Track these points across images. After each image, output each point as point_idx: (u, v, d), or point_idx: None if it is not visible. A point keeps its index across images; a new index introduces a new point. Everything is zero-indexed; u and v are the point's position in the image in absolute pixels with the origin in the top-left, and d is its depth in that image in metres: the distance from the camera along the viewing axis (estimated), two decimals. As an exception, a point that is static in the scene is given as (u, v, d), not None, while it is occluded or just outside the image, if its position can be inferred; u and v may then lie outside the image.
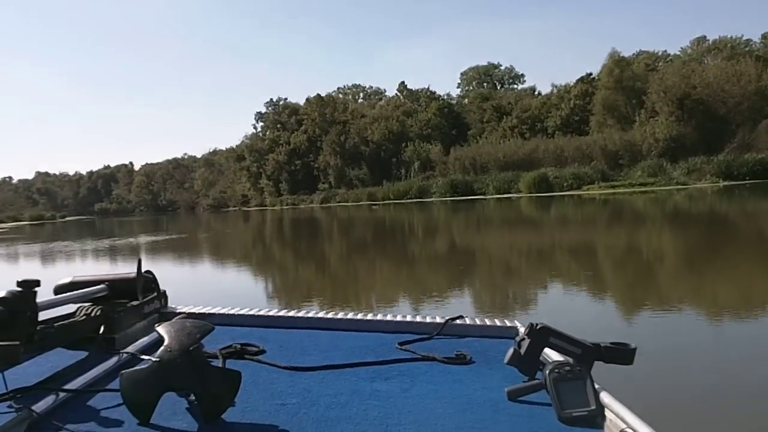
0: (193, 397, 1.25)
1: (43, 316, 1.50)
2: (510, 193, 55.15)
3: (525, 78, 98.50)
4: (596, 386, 1.32)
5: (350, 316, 2.11)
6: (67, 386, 1.33)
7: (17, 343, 1.22)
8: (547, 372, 1.33)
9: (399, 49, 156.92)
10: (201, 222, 51.75)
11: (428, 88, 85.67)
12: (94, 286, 1.88)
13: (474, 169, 63.36)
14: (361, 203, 66.59)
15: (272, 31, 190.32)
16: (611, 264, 11.78)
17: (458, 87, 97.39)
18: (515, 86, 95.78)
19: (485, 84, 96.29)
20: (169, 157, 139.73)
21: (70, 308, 1.75)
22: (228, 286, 10.99)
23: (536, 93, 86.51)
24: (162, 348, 1.24)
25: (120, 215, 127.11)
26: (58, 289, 1.85)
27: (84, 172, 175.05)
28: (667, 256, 12.54)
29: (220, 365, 1.39)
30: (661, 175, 47.83)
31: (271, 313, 2.14)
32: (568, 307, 7.41)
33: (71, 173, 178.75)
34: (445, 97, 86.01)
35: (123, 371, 1.25)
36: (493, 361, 1.65)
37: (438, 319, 2.04)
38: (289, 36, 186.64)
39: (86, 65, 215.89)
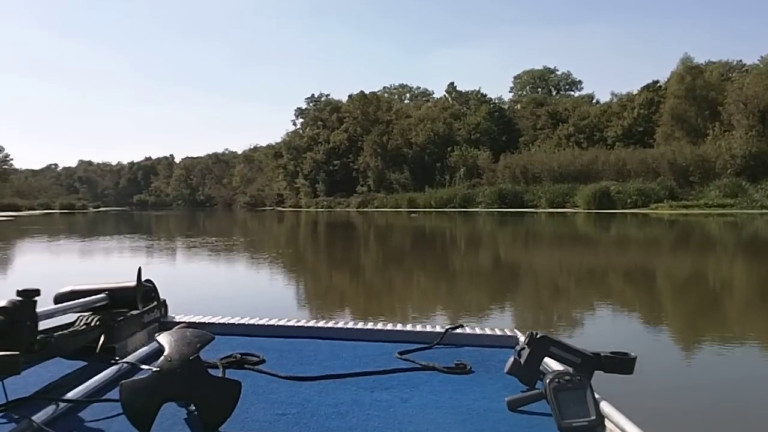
0: (193, 407, 1.25)
1: (43, 325, 1.49)
2: (564, 207, 49.91)
3: (582, 85, 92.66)
4: (596, 396, 1.32)
5: (350, 325, 2.10)
6: (67, 396, 1.33)
7: (17, 353, 1.22)
8: (547, 381, 1.32)
9: (451, 50, 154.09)
10: (237, 221, 49.11)
11: (479, 91, 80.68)
12: (94, 295, 1.85)
13: (525, 179, 58.19)
14: (400, 209, 62.12)
15: (322, 25, 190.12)
16: (672, 293, 10.65)
17: (510, 91, 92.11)
18: (571, 93, 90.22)
19: (540, 89, 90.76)
20: (210, 152, 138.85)
21: (70, 317, 1.72)
22: (267, 299, 9.75)
23: (594, 101, 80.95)
24: (162, 358, 1.24)
25: (158, 208, 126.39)
26: (58, 299, 1.81)
27: (125, 163, 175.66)
28: (739, 288, 11.22)
29: (220, 375, 1.41)
30: (741, 197, 42.03)
31: (271, 323, 2.11)
32: (620, 337, 6.65)
33: (113, 163, 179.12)
34: (496, 100, 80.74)
35: (123, 381, 1.24)
36: (493, 370, 1.67)
37: (438, 329, 2.04)
38: (338, 30, 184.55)
39: (143, 53, 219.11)
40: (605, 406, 1.30)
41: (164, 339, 1.30)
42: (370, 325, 2.11)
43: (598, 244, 21.90)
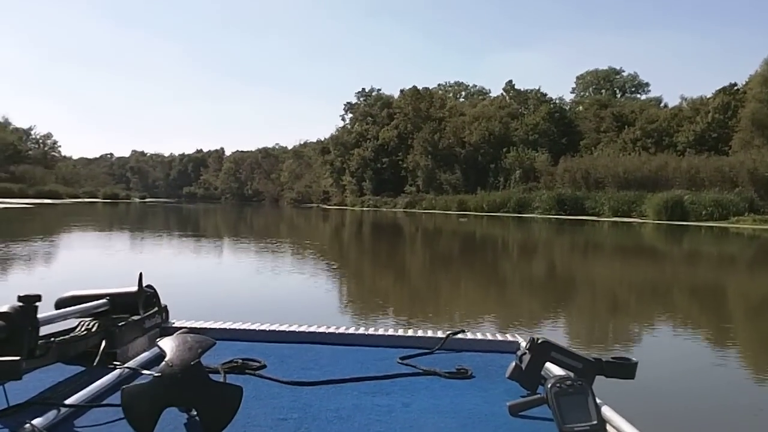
0: (195, 413, 1.26)
1: (44, 330, 1.50)
2: (630, 216, 45.49)
3: (649, 87, 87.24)
4: (598, 401, 1.33)
5: (351, 330, 2.10)
6: (68, 401, 1.33)
7: (18, 358, 1.24)
8: (549, 386, 1.33)
9: (509, 52, 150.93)
10: (283, 218, 47.50)
11: (538, 90, 76.17)
12: (95, 300, 1.85)
13: (586, 184, 53.80)
14: (449, 212, 58.48)
15: (377, 24, 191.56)
16: (751, 320, 9.22)
17: (572, 92, 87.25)
18: (637, 95, 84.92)
19: (603, 91, 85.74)
20: (260, 146, 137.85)
21: (72, 323, 1.74)
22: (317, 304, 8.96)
23: (662, 105, 75.80)
24: (163, 363, 1.25)
25: (206, 201, 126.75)
26: (59, 304, 1.80)
27: (176, 155, 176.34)
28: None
29: (222, 380, 1.41)
30: (836, 211, 37.03)
31: (272, 328, 2.12)
32: (688, 366, 6.02)
33: (166, 155, 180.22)
34: (557, 101, 76.18)
35: (124, 386, 1.25)
36: (495, 375, 1.68)
37: (439, 334, 2.06)
38: (393, 30, 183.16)
39: (201, 46, 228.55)
40: (607, 411, 1.30)
41: (165, 344, 1.30)
42: (371, 331, 2.10)
43: (671, 259, 19.38)
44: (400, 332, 2.10)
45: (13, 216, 35.92)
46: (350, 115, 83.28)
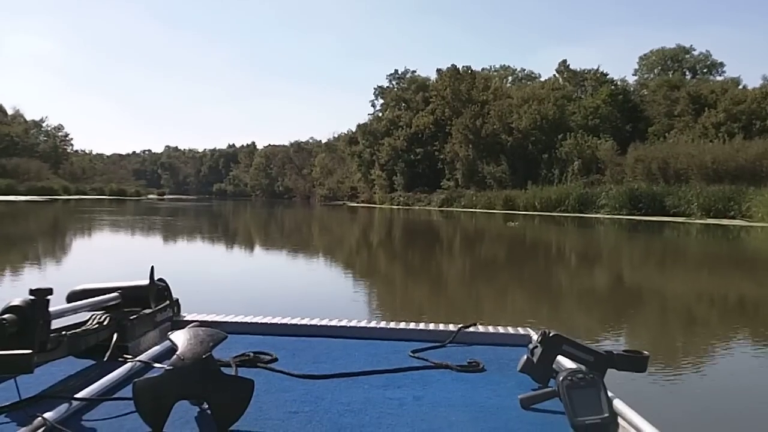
0: (206, 406, 1.27)
1: (55, 324, 1.52)
2: (728, 216, 35.26)
3: (724, 68, 75.66)
4: (609, 394, 1.34)
5: (363, 324, 2.12)
6: (80, 394, 1.35)
7: (30, 351, 1.25)
8: (560, 379, 1.33)
9: (562, 47, 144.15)
10: (314, 217, 42.64)
11: (597, 69, 65.66)
12: (107, 294, 1.88)
13: (664, 177, 43.44)
14: (493, 210, 49.40)
15: (425, 22, 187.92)
16: None
17: (634, 74, 76.24)
18: (711, 77, 73.50)
19: (671, 72, 74.53)
20: (293, 140, 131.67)
21: (83, 316, 1.75)
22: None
23: (741, 86, 64.50)
24: (175, 356, 1.26)
25: (237, 197, 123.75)
26: (71, 297, 1.83)
27: (207, 150, 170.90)
28: None
29: (233, 373, 1.43)
30: None
31: (283, 321, 2.13)
32: None
33: (200, 150, 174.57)
34: (619, 82, 65.61)
35: (136, 379, 1.26)
36: (506, 368, 1.69)
37: (451, 327, 2.06)
38: (441, 28, 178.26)
39: (248, 45, 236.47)
40: (618, 404, 1.31)
41: (177, 338, 1.30)
42: (382, 324, 2.11)
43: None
44: (412, 325, 2.09)
45: None
46: (381, 101, 73.97)
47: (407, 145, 65.57)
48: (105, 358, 1.63)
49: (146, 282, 1.94)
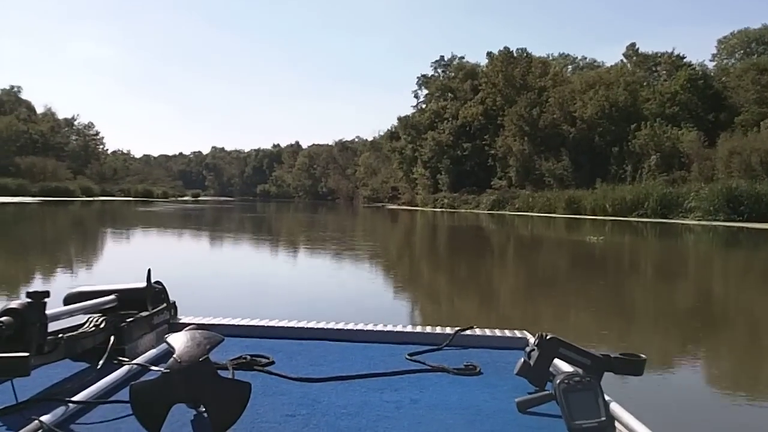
0: (203, 409, 1.27)
1: (52, 326, 1.50)
2: None
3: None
4: (606, 397, 1.34)
5: (360, 326, 2.11)
6: (77, 397, 1.34)
7: (27, 354, 1.25)
8: (557, 383, 1.34)
9: (621, 46, 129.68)
10: (357, 222, 37.49)
11: (672, 52, 57.04)
12: (104, 296, 1.88)
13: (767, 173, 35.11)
14: (553, 214, 42.08)
15: (478, 23, 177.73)
16: None
17: (712, 60, 67.09)
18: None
19: (755, 55, 65.18)
20: (337, 139, 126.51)
21: (80, 319, 1.74)
22: None
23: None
24: (171, 359, 1.25)
25: (280, 199, 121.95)
26: (68, 300, 1.83)
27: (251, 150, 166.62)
28: None
29: (230, 376, 1.42)
30: None
31: (280, 324, 2.14)
32: None
33: (246, 150, 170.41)
34: (698, 67, 56.91)
35: (132, 382, 1.27)
36: (503, 371, 1.69)
37: (448, 330, 2.06)
38: (495, 29, 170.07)
39: (300, 48, 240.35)
40: (615, 408, 1.32)
41: (174, 340, 1.30)
42: (379, 327, 2.11)
43: None
44: (409, 328, 2.10)
45: None
46: (425, 91, 66.49)
47: (453, 140, 58.82)
48: (102, 361, 1.60)
49: (143, 285, 1.93)
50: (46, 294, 1.40)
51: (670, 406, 4.28)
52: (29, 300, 1.38)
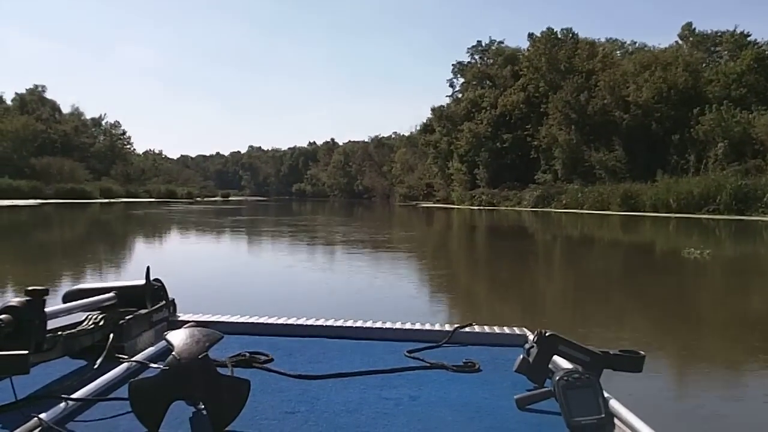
0: (202, 406, 1.28)
1: (51, 324, 1.52)
2: None
3: None
4: (605, 394, 1.34)
5: (359, 324, 2.12)
6: (76, 395, 1.35)
7: (26, 352, 1.26)
8: (556, 380, 1.33)
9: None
10: (392, 224, 32.66)
11: (735, 30, 51.46)
12: (103, 294, 1.90)
13: None
14: (608, 212, 36.76)
15: (522, 16, 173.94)
16: None
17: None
18: None
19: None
20: (374, 135, 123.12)
21: (79, 317, 1.76)
22: None
23: None
24: (171, 356, 1.26)
25: (316, 198, 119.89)
26: (67, 297, 1.85)
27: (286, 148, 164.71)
28: None
29: (229, 374, 1.44)
30: None
31: (279, 321, 2.13)
32: None
33: (284, 149, 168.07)
34: (765, 46, 51.21)
35: (131, 380, 1.28)
36: (502, 368, 1.68)
37: (447, 327, 2.07)
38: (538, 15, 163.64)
39: (342, 49, 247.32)
40: (614, 404, 1.32)
41: (173, 338, 1.31)
42: (378, 324, 2.12)
43: None
44: (408, 326, 2.10)
45: None
46: (461, 80, 61.73)
47: (492, 131, 54.51)
48: (101, 359, 1.59)
49: (142, 282, 1.94)
50: (45, 292, 1.41)
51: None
52: (28, 298, 1.38)
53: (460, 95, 61.14)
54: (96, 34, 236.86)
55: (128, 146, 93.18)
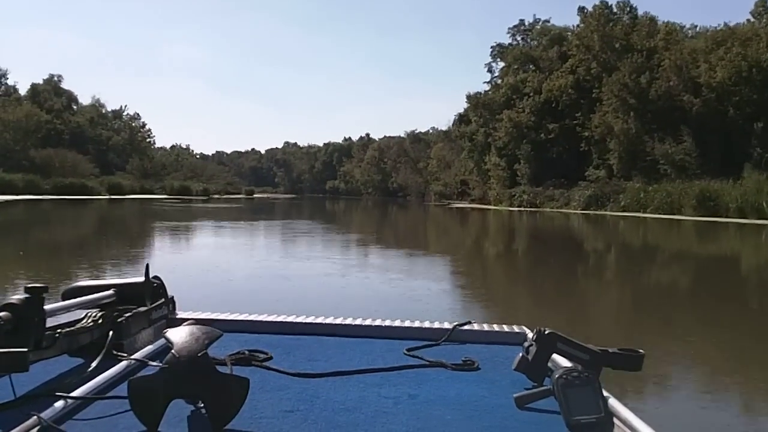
0: (201, 404, 1.28)
1: (50, 322, 1.52)
2: None
3: None
4: (605, 393, 1.35)
5: (358, 322, 2.12)
6: (75, 393, 1.35)
7: (25, 349, 1.28)
8: (556, 378, 1.34)
9: None
10: (425, 228, 29.78)
11: (821, 2, 43.98)
12: (102, 291, 1.89)
13: None
14: (680, 216, 30.73)
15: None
16: None
17: None
18: None
19: None
20: (410, 130, 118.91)
21: (78, 314, 1.76)
22: None
23: None
24: (170, 354, 1.27)
25: (350, 195, 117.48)
26: (66, 295, 1.84)
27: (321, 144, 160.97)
28: None
29: (228, 372, 1.41)
30: None
31: (279, 319, 2.13)
32: None
33: (320, 145, 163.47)
34: None
35: (131, 378, 1.29)
36: (501, 367, 1.69)
37: (446, 325, 2.08)
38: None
39: (384, 47, 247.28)
40: (613, 403, 1.32)
41: (172, 336, 1.31)
42: (377, 322, 2.12)
43: None
44: (407, 324, 2.11)
45: None
46: (501, 64, 55.00)
47: (535, 120, 48.16)
48: (100, 357, 1.60)
49: (141, 279, 1.94)
50: (45, 289, 1.41)
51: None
52: (27, 295, 1.39)
53: (499, 81, 54.56)
54: (142, 33, 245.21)
55: (148, 140, 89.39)
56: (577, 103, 45.91)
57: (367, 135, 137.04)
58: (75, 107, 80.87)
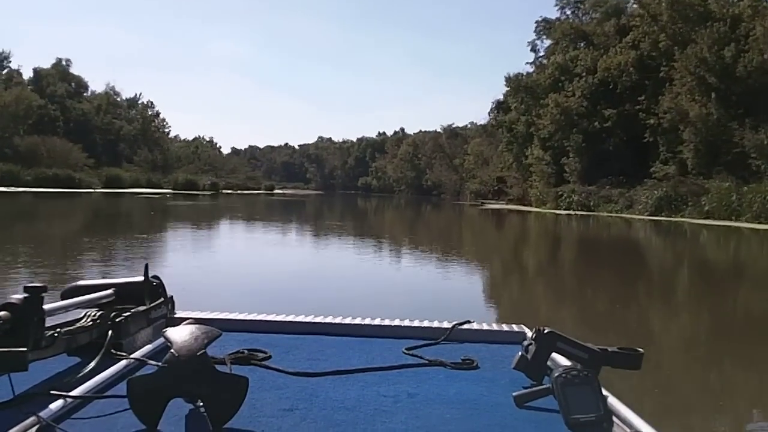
0: (200, 403, 1.30)
1: (49, 321, 1.54)
2: None
3: None
4: (604, 391, 1.37)
5: (357, 321, 2.16)
6: (74, 392, 1.37)
7: (24, 349, 1.31)
8: (555, 377, 1.37)
9: None
10: (461, 231, 25.48)
11: None
12: (101, 290, 1.92)
13: None
14: None
15: None
16: None
17: None
18: None
19: None
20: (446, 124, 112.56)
21: (77, 313, 1.79)
22: None
23: None
24: (169, 354, 1.29)
25: (382, 192, 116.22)
26: (65, 294, 1.86)
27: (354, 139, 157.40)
28: None
29: (228, 371, 1.44)
30: None
31: (278, 319, 2.17)
32: None
33: (354, 140, 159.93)
34: None
35: (130, 377, 1.32)
36: (501, 366, 1.72)
37: (445, 324, 2.12)
38: None
39: (422, 45, 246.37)
40: (613, 401, 1.35)
41: (171, 335, 1.33)
42: (377, 321, 2.15)
43: None
44: (406, 323, 2.14)
45: None
46: (547, 42, 47.87)
47: (588, 105, 41.50)
48: (99, 356, 1.61)
49: (140, 279, 1.97)
50: (44, 288, 1.43)
51: None
52: (26, 294, 1.40)
53: (544, 61, 47.49)
54: (188, 30, 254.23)
55: (163, 131, 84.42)
56: (640, 84, 39.44)
57: (402, 130, 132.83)
58: (85, 94, 76.76)
